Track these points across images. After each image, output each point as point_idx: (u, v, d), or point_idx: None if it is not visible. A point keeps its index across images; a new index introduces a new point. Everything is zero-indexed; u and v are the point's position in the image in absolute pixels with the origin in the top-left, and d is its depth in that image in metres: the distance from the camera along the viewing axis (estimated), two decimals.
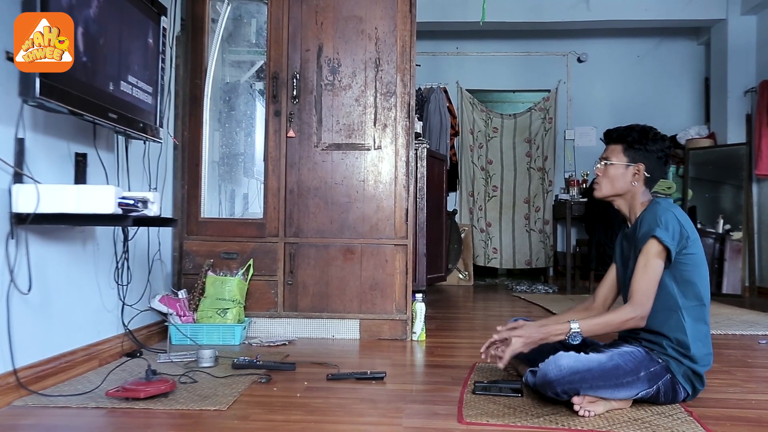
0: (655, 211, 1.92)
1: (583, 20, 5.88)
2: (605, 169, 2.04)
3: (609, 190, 2.04)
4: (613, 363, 1.82)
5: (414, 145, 3.22)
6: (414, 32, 3.12)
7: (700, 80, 6.47)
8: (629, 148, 2.00)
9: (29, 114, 1.94)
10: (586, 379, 1.77)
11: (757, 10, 5.55)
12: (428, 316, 3.23)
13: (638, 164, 1.99)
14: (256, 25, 3.67)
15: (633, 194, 2.02)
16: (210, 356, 2.38)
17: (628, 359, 1.84)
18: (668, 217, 1.88)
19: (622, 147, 2.02)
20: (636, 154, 2.00)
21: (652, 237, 1.87)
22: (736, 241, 5.40)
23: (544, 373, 1.80)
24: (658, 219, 1.88)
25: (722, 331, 3.40)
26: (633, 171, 2.00)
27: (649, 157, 1.99)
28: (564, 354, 1.83)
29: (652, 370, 1.85)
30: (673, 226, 1.87)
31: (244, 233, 3.11)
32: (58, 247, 2.13)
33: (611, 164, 2.02)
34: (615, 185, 2.02)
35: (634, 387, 1.83)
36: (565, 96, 6.61)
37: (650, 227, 1.89)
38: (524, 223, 6.59)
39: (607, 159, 2.04)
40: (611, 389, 1.80)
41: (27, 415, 1.78)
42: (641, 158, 1.99)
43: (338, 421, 1.76)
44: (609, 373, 1.79)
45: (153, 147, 2.76)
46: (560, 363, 1.79)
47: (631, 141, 2.00)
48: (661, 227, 1.86)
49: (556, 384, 1.78)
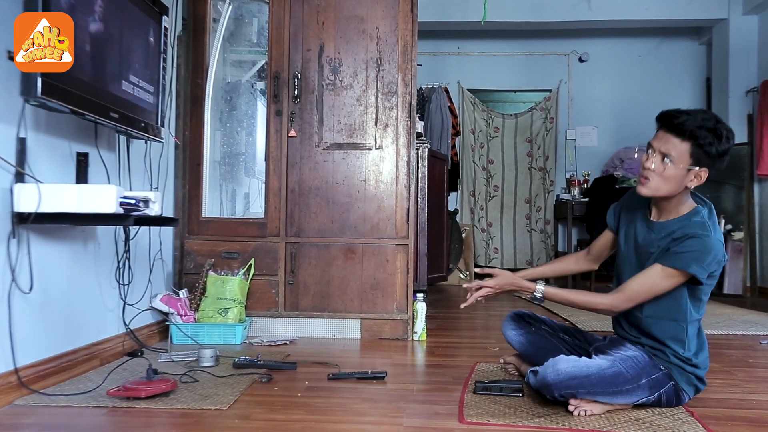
0: (706, 245, 1.72)
1: (584, 20, 5.87)
2: (663, 167, 1.75)
3: (662, 191, 1.78)
4: (614, 370, 1.78)
5: (415, 145, 3.22)
6: (415, 32, 3.12)
7: (702, 80, 6.46)
8: (699, 150, 1.71)
9: (31, 113, 1.94)
10: (583, 384, 1.76)
11: (758, 10, 5.55)
12: (429, 316, 3.23)
13: (702, 169, 1.74)
14: (257, 25, 3.67)
15: (682, 195, 1.81)
16: (211, 356, 2.38)
17: (630, 365, 1.81)
18: (716, 255, 1.73)
19: (691, 146, 1.71)
20: (704, 158, 1.71)
21: (686, 271, 1.74)
22: (738, 241, 5.40)
23: (543, 376, 1.80)
24: (705, 257, 1.72)
25: (723, 331, 3.40)
26: (694, 175, 1.74)
27: (716, 161, 1.73)
28: (563, 358, 1.82)
29: (654, 377, 1.83)
30: (713, 260, 1.74)
31: (245, 233, 3.11)
32: (59, 247, 2.13)
33: (673, 163, 1.73)
34: (669, 187, 1.77)
35: (634, 394, 1.81)
36: (567, 96, 6.61)
37: (690, 260, 1.72)
38: (525, 223, 6.58)
39: (668, 155, 1.73)
40: (609, 396, 1.79)
41: (28, 414, 1.78)
42: (708, 163, 1.72)
43: (339, 421, 1.77)
44: (608, 380, 1.77)
45: (154, 146, 2.76)
46: (558, 368, 1.78)
47: (703, 143, 1.70)
48: (702, 265, 1.72)
49: (554, 388, 1.78)
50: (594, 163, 6.42)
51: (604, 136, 6.53)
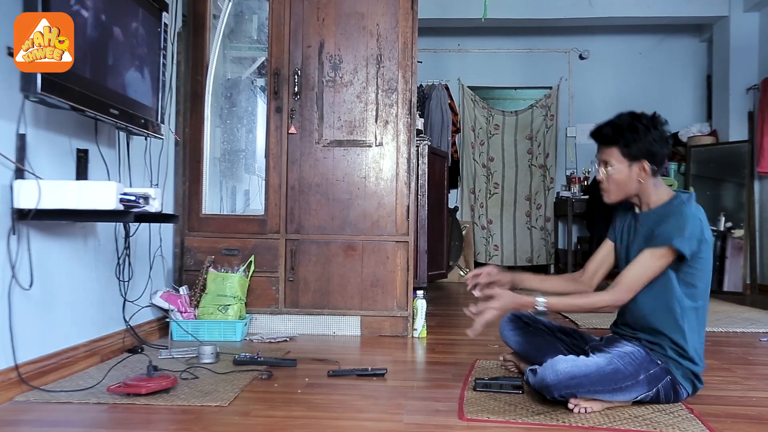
0: (681, 217, 1.82)
1: (585, 17, 5.86)
2: (609, 174, 1.93)
3: (618, 195, 1.94)
4: (612, 367, 1.80)
5: (415, 142, 3.22)
6: (416, 29, 3.11)
7: (702, 77, 6.45)
8: (625, 148, 1.88)
9: (31, 110, 1.94)
10: (583, 384, 1.76)
11: (759, 7, 5.54)
12: (429, 313, 3.23)
13: (641, 161, 1.88)
14: (257, 22, 3.67)
15: (645, 188, 1.91)
16: (211, 352, 2.38)
17: (628, 362, 1.82)
18: (694, 225, 1.81)
19: (618, 149, 1.89)
20: (635, 152, 1.87)
21: (669, 245, 1.80)
22: (738, 238, 5.40)
23: (542, 377, 1.79)
24: (682, 228, 1.79)
25: (723, 328, 3.40)
26: (638, 169, 1.89)
27: (648, 149, 1.87)
28: (561, 358, 1.82)
29: (652, 372, 1.84)
30: (695, 233, 1.80)
31: (246, 229, 3.11)
32: (59, 243, 2.13)
33: (613, 168, 1.91)
34: (623, 189, 1.92)
35: (634, 390, 1.82)
36: (567, 93, 6.60)
37: (671, 234, 1.80)
38: (525, 221, 6.58)
39: (608, 162, 1.92)
40: (609, 393, 1.79)
41: (29, 411, 1.78)
42: (642, 154, 1.87)
43: (339, 418, 1.77)
44: (607, 378, 1.78)
45: (154, 143, 2.76)
46: (557, 368, 1.78)
47: (626, 141, 1.87)
48: (684, 238, 1.79)
49: (554, 389, 1.77)
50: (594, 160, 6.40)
51: None
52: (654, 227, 1.87)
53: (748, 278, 5.41)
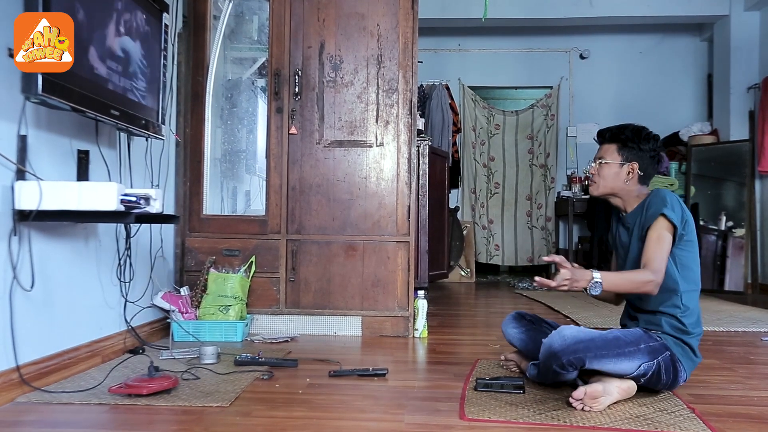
0: (661, 194, 1.99)
1: (585, 16, 5.85)
2: (600, 168, 2.09)
3: (604, 188, 2.10)
4: (614, 335, 1.89)
5: (416, 142, 3.22)
6: (416, 29, 3.11)
7: (703, 77, 6.45)
8: (623, 147, 2.06)
9: (32, 111, 1.94)
10: (589, 348, 1.83)
11: (760, 6, 5.53)
12: (430, 313, 3.23)
13: (632, 163, 2.05)
14: (258, 22, 3.67)
15: (627, 191, 2.08)
16: (212, 353, 2.38)
17: (627, 333, 1.93)
18: (673, 199, 1.97)
19: (617, 146, 2.07)
20: (629, 153, 2.05)
21: (660, 215, 1.94)
22: (739, 238, 5.39)
23: (549, 345, 1.86)
24: (665, 200, 1.96)
25: (724, 328, 3.39)
26: (627, 170, 2.06)
27: (642, 156, 2.05)
28: (566, 326, 1.92)
29: (651, 344, 1.91)
30: (678, 207, 1.96)
31: (246, 230, 3.11)
32: (60, 244, 2.13)
33: (606, 163, 2.07)
34: (610, 183, 2.08)
35: (636, 357, 1.87)
36: (568, 93, 6.60)
37: (657, 208, 1.96)
38: (526, 220, 6.58)
39: (602, 158, 2.09)
40: (614, 359, 1.85)
41: (30, 412, 1.78)
42: (634, 157, 2.05)
43: (340, 418, 1.77)
44: (611, 343, 1.86)
45: (155, 144, 2.76)
46: (564, 333, 1.86)
47: (625, 140, 2.05)
48: (668, 207, 1.94)
49: (561, 354, 1.83)
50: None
51: None
52: (642, 215, 2.01)
53: (749, 278, 5.40)
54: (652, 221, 1.96)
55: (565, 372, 1.86)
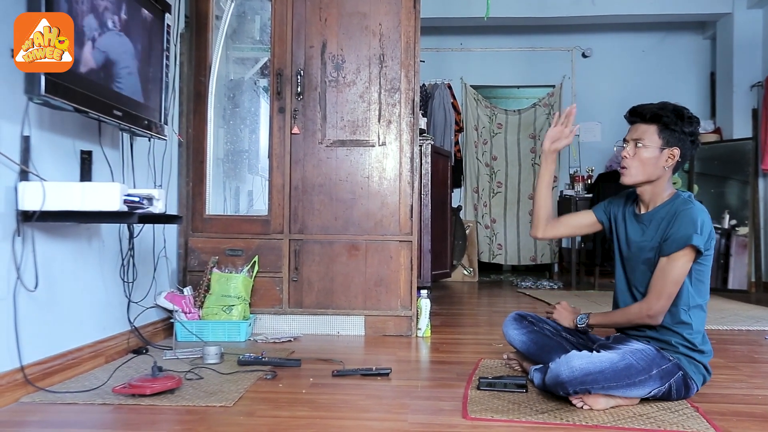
0: (691, 214, 1.81)
1: (587, 15, 5.85)
2: (637, 152, 1.86)
3: (641, 175, 1.87)
4: (625, 363, 1.78)
5: (418, 142, 3.21)
6: (418, 28, 3.11)
7: (706, 75, 6.43)
8: (665, 129, 1.83)
9: (35, 111, 1.94)
10: (598, 380, 1.75)
11: (763, 4, 5.52)
12: (433, 313, 3.23)
13: (674, 148, 1.84)
14: (260, 22, 3.67)
15: (662, 180, 1.88)
16: (215, 353, 2.38)
17: (640, 357, 1.81)
18: (704, 219, 1.81)
19: (657, 128, 1.84)
20: (671, 137, 1.83)
21: (688, 246, 1.79)
22: (742, 236, 5.38)
23: (556, 374, 1.77)
24: (695, 223, 1.79)
25: (728, 326, 3.39)
26: (667, 155, 1.85)
27: (684, 141, 1.84)
28: (576, 354, 1.81)
29: (664, 367, 1.83)
30: (707, 229, 1.81)
31: (249, 230, 3.11)
32: (64, 245, 2.14)
33: (644, 146, 1.84)
34: (647, 170, 1.86)
35: (647, 385, 1.81)
36: (570, 91, 6.58)
37: (688, 233, 1.78)
38: (529, 219, 6.57)
39: (640, 140, 1.85)
40: (624, 389, 1.78)
41: (34, 412, 1.79)
42: (677, 141, 1.83)
43: (343, 417, 1.77)
44: (621, 373, 1.77)
45: (158, 144, 2.76)
46: (572, 364, 1.76)
47: (668, 122, 1.83)
48: (698, 233, 1.78)
49: (568, 385, 1.76)
50: (598, 158, 6.41)
51: (607, 131, 6.51)
52: (667, 231, 1.84)
53: (752, 276, 5.39)
54: (678, 247, 1.79)
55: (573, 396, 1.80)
